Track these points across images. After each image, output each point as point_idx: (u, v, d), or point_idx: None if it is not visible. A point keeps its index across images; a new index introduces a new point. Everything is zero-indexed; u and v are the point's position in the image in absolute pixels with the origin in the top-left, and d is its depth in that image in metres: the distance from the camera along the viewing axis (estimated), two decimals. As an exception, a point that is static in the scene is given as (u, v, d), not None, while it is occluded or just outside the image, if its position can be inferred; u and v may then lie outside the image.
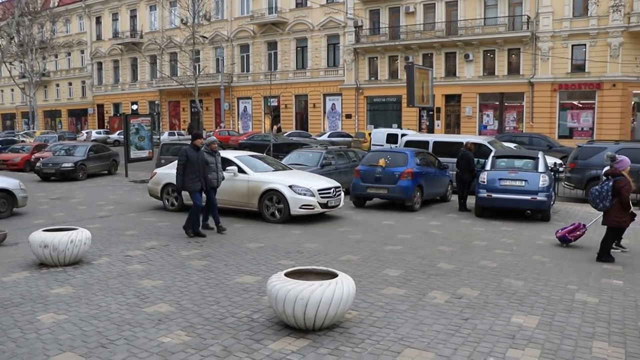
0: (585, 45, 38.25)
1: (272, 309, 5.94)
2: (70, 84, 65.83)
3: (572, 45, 38.64)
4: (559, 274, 8.16)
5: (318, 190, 12.35)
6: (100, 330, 5.61)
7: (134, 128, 22.03)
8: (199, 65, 43.64)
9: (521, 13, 40.15)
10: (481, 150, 16.26)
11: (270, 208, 12.36)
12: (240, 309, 6.32)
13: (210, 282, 7.40)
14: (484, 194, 13.22)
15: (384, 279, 7.62)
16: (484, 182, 13.28)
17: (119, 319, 5.95)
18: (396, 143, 22.05)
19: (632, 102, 39.05)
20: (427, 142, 17.98)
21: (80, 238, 8.18)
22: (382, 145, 22.02)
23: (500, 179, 13.16)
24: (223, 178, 11.34)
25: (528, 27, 39.67)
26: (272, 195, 12.33)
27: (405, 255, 9.15)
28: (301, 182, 12.47)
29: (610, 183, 8.93)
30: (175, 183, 11.16)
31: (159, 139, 32.84)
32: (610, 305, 6.76)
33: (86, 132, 52.67)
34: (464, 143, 15.29)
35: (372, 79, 46.42)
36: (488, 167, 13.86)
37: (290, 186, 12.22)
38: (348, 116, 47.37)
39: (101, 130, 54.46)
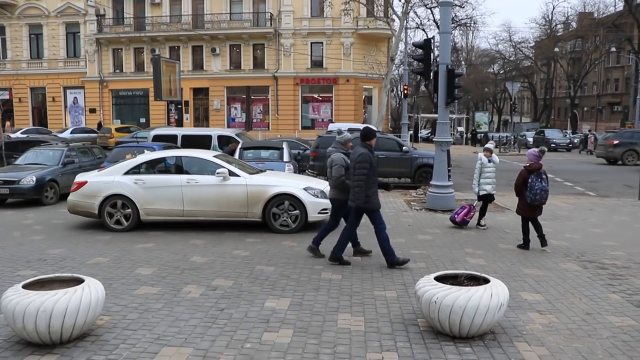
0: (322, 43, 41.46)
1: (10, 327, 5.32)
2: None
3: (311, 43, 41.61)
4: (306, 256, 8.71)
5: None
6: None
7: None
8: None
9: (265, 10, 41.91)
10: (230, 142, 16.59)
11: (281, 216, 10.48)
12: (-32, 333, 5.53)
13: None
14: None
15: (136, 279, 7.34)
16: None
17: None
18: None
19: (363, 96, 43.48)
20: (175, 136, 17.80)
21: None
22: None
23: (249, 170, 13.56)
24: None
25: (271, 24, 41.61)
26: (284, 201, 10.46)
27: (158, 252, 8.92)
28: (312, 184, 10.88)
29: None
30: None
31: None
32: (351, 279, 7.43)
33: None
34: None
35: (117, 71, 44.45)
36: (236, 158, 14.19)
37: (305, 188, 10.54)
38: (92, 110, 44.71)
39: None
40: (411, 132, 42.94)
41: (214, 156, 11.14)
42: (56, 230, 10.90)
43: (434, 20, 47.79)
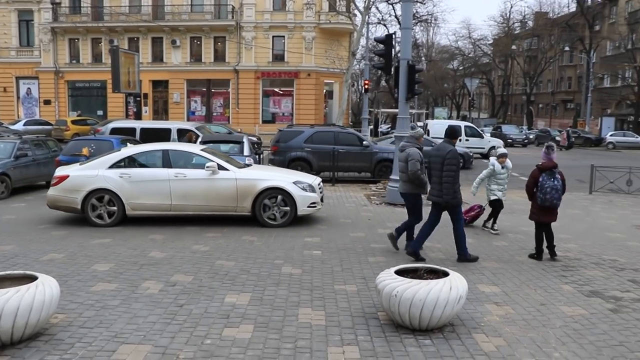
0: (284, 37, 41.31)
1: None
2: None
3: (273, 37, 41.41)
4: (266, 250, 8.67)
5: (317, 185, 10.99)
6: None
7: None
8: None
9: (226, 3, 41.49)
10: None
11: (271, 210, 10.46)
12: None
13: None
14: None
15: (93, 275, 7.18)
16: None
17: None
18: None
19: (324, 90, 43.52)
20: (134, 129, 17.49)
21: None
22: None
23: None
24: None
25: (233, 16, 41.21)
26: (274, 195, 10.42)
27: (115, 247, 8.75)
28: (301, 178, 10.93)
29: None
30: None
31: None
32: (311, 274, 7.43)
33: None
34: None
35: (74, 62, 43.39)
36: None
37: (294, 182, 10.57)
38: (47, 102, 43.55)
39: None
40: (371, 126, 43.11)
41: (202, 149, 10.99)
42: (7, 226, 10.57)
43: (396, 16, 48.15)
